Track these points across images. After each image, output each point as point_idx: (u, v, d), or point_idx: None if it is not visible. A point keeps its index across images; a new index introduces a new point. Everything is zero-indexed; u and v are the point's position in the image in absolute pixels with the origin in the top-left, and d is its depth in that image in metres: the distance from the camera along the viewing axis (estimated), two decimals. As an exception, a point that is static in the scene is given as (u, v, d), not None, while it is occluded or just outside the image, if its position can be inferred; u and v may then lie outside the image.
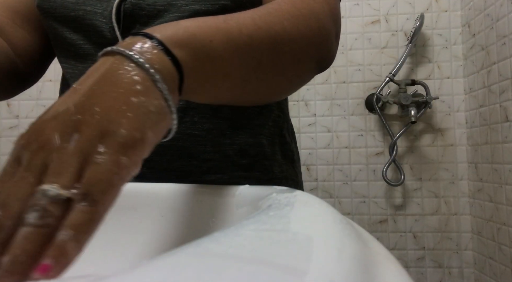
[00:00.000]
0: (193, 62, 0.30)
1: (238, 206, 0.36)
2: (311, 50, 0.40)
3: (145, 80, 0.26)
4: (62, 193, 0.22)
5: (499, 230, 1.17)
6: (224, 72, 0.33)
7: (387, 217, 1.40)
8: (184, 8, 0.47)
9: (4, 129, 1.51)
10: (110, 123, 0.24)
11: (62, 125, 0.23)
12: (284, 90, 0.42)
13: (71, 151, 0.23)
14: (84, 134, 0.23)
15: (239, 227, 0.18)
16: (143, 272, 0.12)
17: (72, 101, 0.24)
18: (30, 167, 0.23)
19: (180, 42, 0.29)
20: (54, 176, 0.22)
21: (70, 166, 0.22)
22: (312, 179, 1.43)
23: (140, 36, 0.29)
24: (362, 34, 1.43)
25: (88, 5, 0.49)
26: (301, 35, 0.38)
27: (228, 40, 0.33)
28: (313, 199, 0.27)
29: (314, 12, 0.40)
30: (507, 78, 1.12)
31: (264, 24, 0.35)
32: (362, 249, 0.17)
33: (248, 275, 0.12)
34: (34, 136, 0.24)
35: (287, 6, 0.39)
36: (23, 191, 0.22)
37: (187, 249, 0.15)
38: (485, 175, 1.25)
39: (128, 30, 0.48)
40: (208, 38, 0.31)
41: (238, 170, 0.50)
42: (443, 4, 1.40)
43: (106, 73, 0.26)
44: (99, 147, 0.23)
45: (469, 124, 1.36)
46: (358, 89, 1.42)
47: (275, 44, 0.36)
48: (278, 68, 0.38)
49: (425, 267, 1.37)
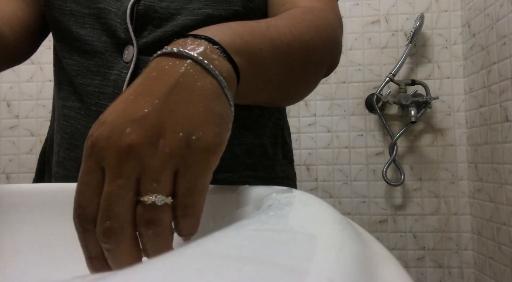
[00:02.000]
0: (247, 68, 0.31)
1: (238, 206, 0.36)
2: (327, 58, 0.44)
3: (216, 87, 0.27)
4: (168, 202, 0.23)
5: (499, 230, 1.17)
6: (268, 77, 0.35)
7: (387, 217, 1.40)
8: (197, 12, 0.47)
9: (4, 129, 1.51)
10: (194, 130, 0.24)
11: (145, 130, 0.23)
12: (305, 93, 0.45)
13: (163, 158, 0.23)
14: (170, 141, 0.24)
15: (239, 227, 0.18)
16: (143, 272, 0.12)
17: (150, 104, 0.24)
18: (123, 174, 0.23)
19: (238, 49, 0.30)
20: (153, 183, 0.23)
21: (165, 174, 0.23)
22: (312, 179, 1.43)
23: (201, 40, 0.29)
24: (362, 34, 1.43)
25: (101, 3, 0.49)
26: (323, 44, 0.41)
27: (272, 48, 0.34)
28: (313, 199, 0.27)
29: (330, 23, 0.43)
30: (507, 78, 1.12)
31: (298, 33, 0.38)
32: (362, 249, 0.18)
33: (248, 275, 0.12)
34: (115, 141, 0.23)
35: (310, 17, 0.41)
36: (127, 200, 0.23)
37: (187, 249, 0.15)
38: (485, 175, 1.25)
39: (140, 31, 0.48)
40: (259, 45, 0.33)
41: (246, 169, 0.52)
42: (443, 4, 1.40)
43: (181, 78, 0.26)
44: (188, 155, 0.24)
45: (469, 124, 1.36)
46: (358, 89, 1.42)
47: (306, 53, 0.39)
48: (305, 74, 0.41)
49: (425, 267, 1.37)
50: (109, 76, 0.48)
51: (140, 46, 0.48)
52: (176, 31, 0.47)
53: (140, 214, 0.23)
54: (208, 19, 0.47)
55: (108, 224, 0.22)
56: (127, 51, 0.48)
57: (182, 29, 0.47)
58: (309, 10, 0.43)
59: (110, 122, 0.24)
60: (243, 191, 0.37)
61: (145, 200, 0.23)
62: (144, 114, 0.24)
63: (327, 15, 0.44)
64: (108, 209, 0.22)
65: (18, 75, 1.51)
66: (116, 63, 0.48)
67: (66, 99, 0.53)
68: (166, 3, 0.48)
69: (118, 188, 0.23)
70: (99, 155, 0.23)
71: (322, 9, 0.45)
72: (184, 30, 0.47)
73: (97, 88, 0.49)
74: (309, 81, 0.43)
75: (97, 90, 0.49)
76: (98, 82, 0.49)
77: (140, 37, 0.48)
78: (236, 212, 0.36)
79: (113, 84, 0.48)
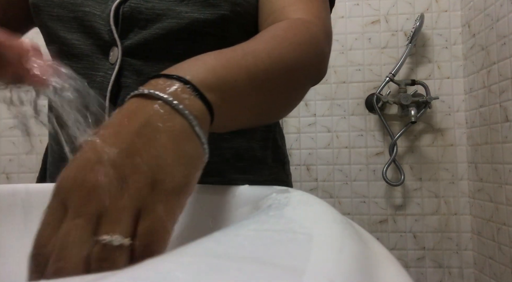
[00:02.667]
0: (222, 104, 0.31)
1: (238, 206, 0.36)
2: (312, 74, 0.43)
3: (186, 127, 0.27)
4: (125, 243, 0.23)
5: (499, 230, 1.17)
6: (246, 108, 0.35)
7: (387, 217, 1.40)
8: (184, 15, 0.47)
9: (4, 129, 1.51)
10: (160, 171, 0.24)
11: (111, 170, 0.23)
12: (289, 109, 0.45)
13: (125, 199, 0.23)
14: (135, 182, 0.23)
15: (239, 227, 0.18)
16: (143, 272, 0.12)
17: (116, 147, 0.24)
18: (83, 214, 0.22)
19: (211, 86, 0.30)
20: (112, 224, 0.23)
21: (126, 215, 0.23)
22: (312, 179, 1.43)
23: (172, 79, 0.29)
24: (362, 34, 1.43)
25: (86, 6, 0.49)
26: (306, 62, 0.41)
27: (249, 78, 0.34)
28: (313, 199, 0.27)
29: (315, 37, 0.43)
30: (507, 78, 1.12)
31: (277, 56, 0.37)
32: (362, 249, 0.17)
33: (248, 275, 0.12)
34: (80, 181, 0.23)
35: (292, 34, 0.41)
36: (82, 240, 0.22)
37: (187, 249, 0.15)
38: (485, 175, 1.25)
39: (126, 32, 0.48)
40: (234, 78, 0.33)
41: (235, 172, 0.52)
42: (443, 4, 1.40)
43: (149, 119, 0.26)
44: (152, 196, 0.24)
45: (469, 124, 1.36)
46: (358, 89, 1.42)
47: (287, 75, 0.38)
48: (287, 94, 0.40)
49: (425, 267, 1.37)
50: (95, 78, 0.49)
51: (125, 48, 0.48)
52: (161, 35, 0.47)
53: (94, 253, 0.22)
54: (195, 23, 0.47)
55: (60, 264, 0.22)
56: (112, 52, 0.48)
57: (167, 33, 0.47)
58: (293, 25, 0.42)
59: (77, 164, 0.24)
60: (242, 191, 0.37)
61: (100, 240, 0.22)
62: (111, 155, 0.24)
63: (313, 29, 0.43)
64: (62, 248, 0.22)
65: (18, 75, 1.51)
66: (102, 65, 0.49)
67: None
68: (152, 4, 0.48)
69: (75, 227, 0.22)
70: (64, 196, 0.23)
71: (308, 22, 0.44)
72: (170, 33, 0.47)
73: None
74: (292, 99, 0.43)
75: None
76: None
77: (126, 38, 0.48)
78: (235, 212, 0.36)
79: (99, 86, 0.48)
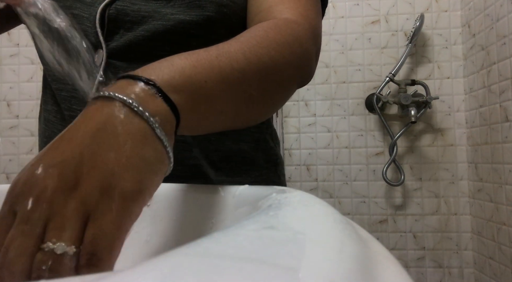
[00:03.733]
0: (189, 105, 0.30)
1: (238, 206, 0.36)
2: (295, 75, 0.42)
3: (145, 130, 0.25)
4: (69, 251, 0.22)
5: (499, 230, 1.17)
6: (218, 110, 0.34)
7: (387, 217, 1.40)
8: (169, 17, 0.47)
9: (4, 129, 1.51)
10: (112, 176, 0.23)
11: (60, 176, 0.23)
12: (270, 112, 0.44)
13: (74, 205, 0.22)
14: (84, 187, 0.23)
15: (239, 227, 0.18)
16: (143, 272, 0.12)
17: (70, 150, 0.24)
18: (30, 220, 0.22)
19: (177, 86, 0.29)
20: (57, 230, 0.22)
21: (73, 221, 0.22)
22: (312, 179, 1.43)
23: (136, 80, 0.27)
24: (362, 34, 1.43)
25: (75, 9, 0.49)
26: (287, 63, 0.39)
27: (222, 79, 0.32)
28: (313, 199, 0.27)
29: (298, 37, 0.41)
30: (507, 78, 1.12)
31: (254, 56, 0.36)
32: (362, 249, 0.17)
33: (248, 275, 0.12)
34: (29, 186, 0.23)
35: (273, 34, 0.39)
36: (25, 247, 0.21)
37: (187, 249, 0.15)
38: (485, 175, 1.25)
39: (111, 35, 0.48)
40: (203, 78, 0.31)
41: (221, 175, 0.52)
42: (443, 4, 1.40)
43: (106, 122, 0.25)
44: (101, 202, 0.23)
45: (469, 124, 1.36)
46: (358, 89, 1.42)
47: (264, 75, 0.37)
48: (266, 96, 0.39)
49: (425, 267, 1.37)
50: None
51: (110, 50, 0.48)
52: (147, 36, 0.47)
53: (36, 261, 0.21)
54: (180, 25, 0.46)
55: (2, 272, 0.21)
56: (97, 55, 0.48)
57: (153, 35, 0.47)
58: (276, 25, 0.41)
59: (29, 168, 0.23)
60: (242, 191, 0.37)
61: (43, 247, 0.21)
62: (62, 159, 0.23)
63: (296, 29, 0.42)
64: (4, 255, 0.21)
65: (18, 75, 1.51)
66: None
67: (47, 103, 0.55)
68: (138, 6, 0.47)
69: (20, 234, 0.22)
70: (14, 200, 0.23)
71: (293, 22, 0.43)
72: (155, 35, 0.47)
73: (69, 93, 0.50)
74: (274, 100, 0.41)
75: (69, 95, 0.50)
76: (70, 87, 0.50)
77: (111, 40, 0.48)
78: (235, 212, 0.36)
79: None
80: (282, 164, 0.62)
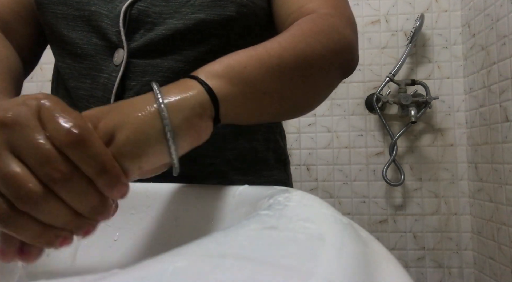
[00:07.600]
0: (229, 88, 0.34)
1: (238, 206, 0.36)
2: (336, 60, 0.43)
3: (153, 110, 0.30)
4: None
5: (499, 230, 1.17)
6: (262, 92, 0.37)
7: (387, 217, 1.40)
8: (190, 16, 0.47)
9: (4, 129, 1.51)
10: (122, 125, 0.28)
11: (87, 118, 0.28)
12: (317, 99, 0.45)
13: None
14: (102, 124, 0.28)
15: (239, 227, 0.18)
16: (143, 272, 0.12)
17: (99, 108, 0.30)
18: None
19: (215, 73, 0.34)
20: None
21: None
22: (312, 179, 1.43)
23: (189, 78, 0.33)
24: (362, 34, 1.43)
25: (93, 5, 0.49)
26: (325, 48, 0.41)
27: (260, 64, 0.36)
28: (313, 199, 0.27)
29: (335, 26, 0.43)
30: (507, 78, 1.12)
31: (289, 44, 0.39)
32: (362, 249, 0.17)
33: (248, 275, 0.12)
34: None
35: (308, 25, 0.42)
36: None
37: (187, 249, 0.15)
38: (485, 175, 1.25)
39: (131, 34, 0.48)
40: (242, 65, 0.35)
41: (236, 174, 0.52)
42: (443, 4, 1.40)
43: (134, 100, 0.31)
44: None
45: (469, 124, 1.36)
46: (358, 89, 1.42)
47: (303, 60, 0.39)
48: (309, 81, 0.41)
49: (425, 267, 1.37)
50: (98, 80, 0.48)
51: (131, 50, 0.47)
52: (168, 35, 0.47)
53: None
54: (201, 24, 0.47)
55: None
56: (117, 54, 0.48)
57: (174, 33, 0.47)
58: (308, 20, 0.43)
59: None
60: (243, 191, 0.37)
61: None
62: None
63: (330, 19, 0.43)
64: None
65: (18, 75, 1.51)
66: (106, 66, 0.48)
67: None
68: (159, 8, 0.48)
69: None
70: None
71: (327, 14, 0.44)
72: (176, 33, 0.47)
73: (88, 92, 0.49)
74: (318, 86, 0.42)
75: (87, 94, 0.49)
76: (89, 86, 0.49)
77: (132, 40, 0.48)
78: (235, 212, 0.36)
79: (102, 88, 0.48)
80: (289, 164, 0.63)
